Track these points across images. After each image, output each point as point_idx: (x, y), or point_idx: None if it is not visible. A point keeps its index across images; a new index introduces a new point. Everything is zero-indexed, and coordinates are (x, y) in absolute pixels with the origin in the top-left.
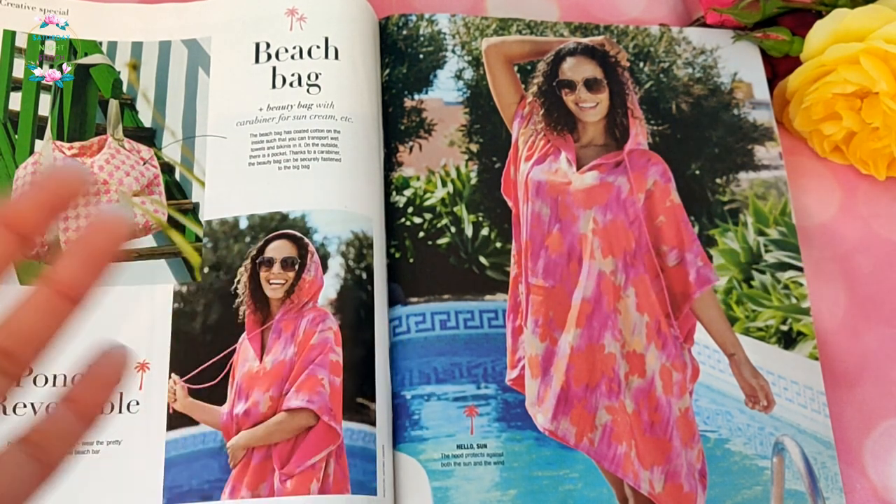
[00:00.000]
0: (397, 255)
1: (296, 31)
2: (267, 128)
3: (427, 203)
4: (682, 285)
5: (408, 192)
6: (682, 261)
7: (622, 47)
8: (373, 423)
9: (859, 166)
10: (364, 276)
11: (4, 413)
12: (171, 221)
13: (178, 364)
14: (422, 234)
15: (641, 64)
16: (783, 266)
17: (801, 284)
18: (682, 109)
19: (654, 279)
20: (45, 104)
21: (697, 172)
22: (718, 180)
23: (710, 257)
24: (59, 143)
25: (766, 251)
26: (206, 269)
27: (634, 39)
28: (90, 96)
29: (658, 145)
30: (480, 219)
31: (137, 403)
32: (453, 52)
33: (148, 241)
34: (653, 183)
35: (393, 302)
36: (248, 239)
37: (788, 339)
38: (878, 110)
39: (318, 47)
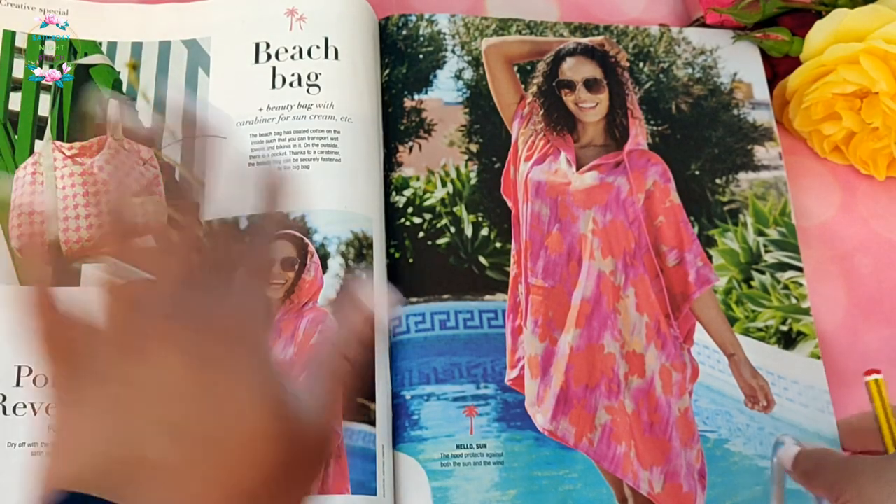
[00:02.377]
0: (397, 255)
1: (296, 31)
2: (267, 128)
3: (427, 203)
4: (681, 285)
5: (407, 192)
6: (682, 261)
7: (622, 47)
8: (372, 423)
9: (859, 166)
10: (364, 276)
11: (4, 413)
12: (171, 221)
13: None
14: (421, 234)
15: (641, 64)
16: (783, 266)
17: (800, 284)
18: (682, 109)
19: (654, 279)
20: (45, 104)
21: (697, 173)
22: (718, 180)
23: (710, 257)
24: (59, 143)
25: (766, 251)
26: None
27: (634, 39)
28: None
29: (658, 145)
30: (480, 219)
31: None
32: (453, 52)
33: (148, 242)
34: (652, 183)
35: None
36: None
37: (788, 340)
38: (878, 110)
39: (318, 47)
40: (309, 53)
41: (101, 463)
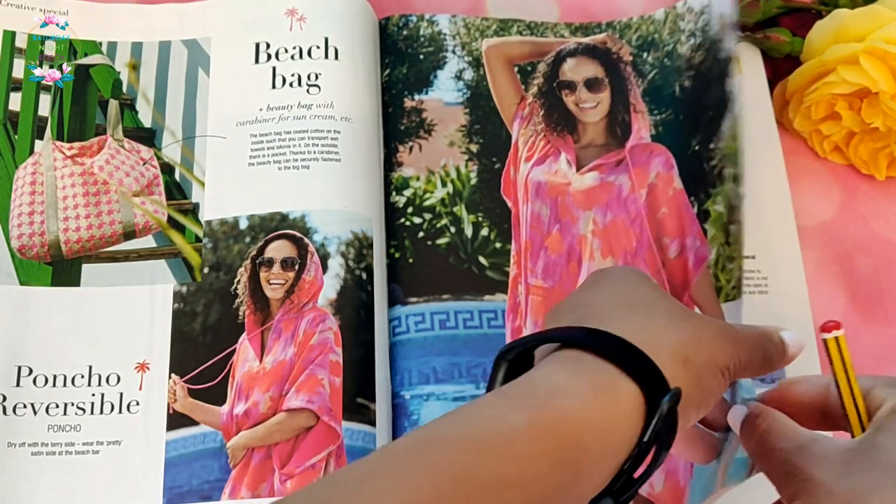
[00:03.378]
0: (397, 255)
1: (296, 31)
2: (267, 128)
3: (427, 203)
4: (682, 274)
5: (407, 193)
6: (683, 249)
7: (625, 41)
8: (373, 424)
9: (859, 166)
10: (364, 276)
11: (4, 413)
12: (171, 222)
13: (178, 364)
14: (421, 234)
15: (645, 55)
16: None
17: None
18: (685, 87)
19: (655, 274)
20: (45, 104)
21: (697, 147)
22: (711, 145)
23: (706, 233)
24: (59, 143)
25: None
26: (206, 270)
27: (638, 31)
28: (90, 96)
29: (661, 135)
30: (480, 219)
31: (137, 403)
32: (453, 52)
33: (148, 241)
34: (655, 175)
35: (392, 302)
36: (248, 239)
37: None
38: (878, 110)
39: (318, 47)
40: (309, 53)
41: None
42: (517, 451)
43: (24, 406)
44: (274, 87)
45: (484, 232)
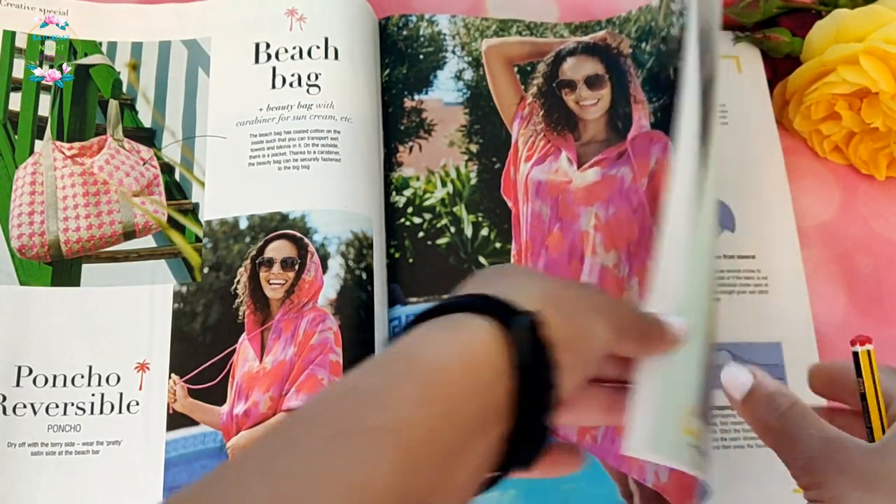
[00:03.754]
0: (397, 255)
1: (296, 31)
2: (267, 128)
3: (427, 203)
4: None
5: (407, 193)
6: None
7: (624, 35)
8: None
9: (859, 166)
10: (364, 276)
11: (4, 413)
12: (171, 221)
13: (178, 364)
14: (421, 234)
15: (644, 44)
16: None
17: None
18: (677, 69)
19: None
20: (45, 104)
21: None
22: None
23: None
24: (58, 143)
25: None
26: (206, 270)
27: (637, 23)
28: (90, 96)
29: (659, 120)
30: (480, 219)
31: (137, 403)
32: (453, 52)
33: (148, 241)
34: (655, 161)
35: (392, 302)
36: (247, 239)
37: None
38: (878, 110)
39: (317, 47)
40: (309, 53)
41: None
42: (383, 399)
43: (24, 406)
44: (274, 87)
45: (484, 232)
